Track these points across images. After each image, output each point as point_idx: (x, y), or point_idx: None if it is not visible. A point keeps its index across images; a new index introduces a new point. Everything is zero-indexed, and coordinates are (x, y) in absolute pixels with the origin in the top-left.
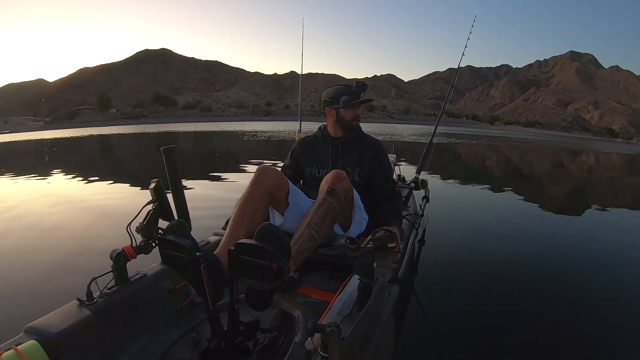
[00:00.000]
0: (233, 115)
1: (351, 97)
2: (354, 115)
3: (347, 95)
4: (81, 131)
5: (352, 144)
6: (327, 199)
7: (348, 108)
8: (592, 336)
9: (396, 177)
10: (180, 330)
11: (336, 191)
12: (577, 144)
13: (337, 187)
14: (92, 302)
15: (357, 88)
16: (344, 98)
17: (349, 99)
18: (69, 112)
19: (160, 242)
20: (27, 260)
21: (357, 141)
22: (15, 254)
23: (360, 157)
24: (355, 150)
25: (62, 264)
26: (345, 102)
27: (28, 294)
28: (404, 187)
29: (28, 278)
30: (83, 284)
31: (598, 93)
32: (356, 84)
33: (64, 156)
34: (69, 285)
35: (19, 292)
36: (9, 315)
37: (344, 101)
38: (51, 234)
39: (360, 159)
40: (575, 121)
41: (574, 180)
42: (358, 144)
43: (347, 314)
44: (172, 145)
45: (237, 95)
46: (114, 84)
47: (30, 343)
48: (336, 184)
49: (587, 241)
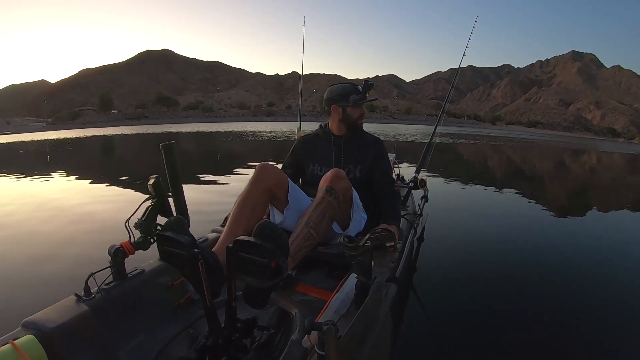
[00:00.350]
0: (235, 115)
1: (361, 97)
2: (360, 114)
3: (356, 94)
4: (83, 132)
5: (354, 141)
6: (326, 198)
7: (355, 107)
8: (593, 336)
9: (395, 176)
10: (177, 326)
11: (335, 190)
12: (578, 144)
13: (336, 186)
14: (90, 297)
15: (366, 87)
16: (353, 97)
17: (359, 97)
18: (71, 112)
19: (158, 239)
20: (26, 254)
21: (360, 139)
22: (14, 247)
23: (363, 155)
24: (358, 148)
25: (63, 258)
26: (355, 101)
27: (26, 288)
28: (403, 186)
29: (26, 272)
30: (81, 279)
31: (600, 93)
32: (364, 83)
33: (66, 156)
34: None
35: (17, 286)
36: (6, 310)
37: (354, 100)
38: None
39: (363, 157)
40: (577, 121)
41: (574, 180)
42: (360, 141)
43: (344, 312)
44: (172, 141)
45: (238, 95)
46: (116, 85)
47: (28, 337)
48: (335, 182)
49: (587, 240)
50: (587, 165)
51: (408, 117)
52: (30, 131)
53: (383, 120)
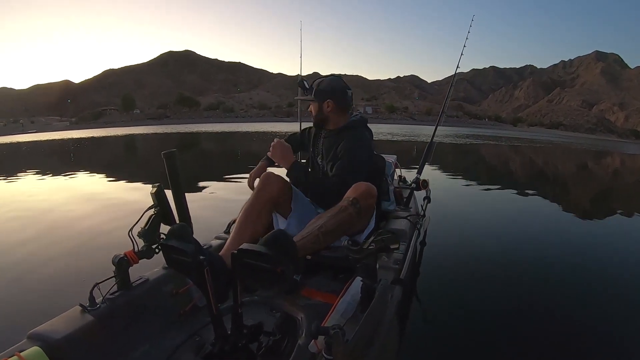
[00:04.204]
0: (255, 116)
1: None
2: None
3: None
4: (106, 131)
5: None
6: (349, 209)
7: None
8: (598, 339)
9: (397, 177)
10: (183, 334)
11: (361, 205)
12: (598, 146)
13: (363, 203)
14: (95, 307)
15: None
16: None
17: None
18: (94, 112)
19: (163, 247)
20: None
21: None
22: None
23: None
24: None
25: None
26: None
27: (32, 299)
28: (405, 187)
29: (32, 283)
30: (86, 289)
31: (624, 94)
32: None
33: (89, 155)
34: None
35: (22, 297)
36: (12, 321)
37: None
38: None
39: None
40: (599, 123)
41: (582, 182)
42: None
43: (350, 315)
44: (173, 149)
45: (259, 96)
46: (138, 86)
47: (34, 349)
48: (364, 198)
49: (594, 243)
50: (605, 168)
51: (428, 118)
52: (54, 130)
53: (402, 122)
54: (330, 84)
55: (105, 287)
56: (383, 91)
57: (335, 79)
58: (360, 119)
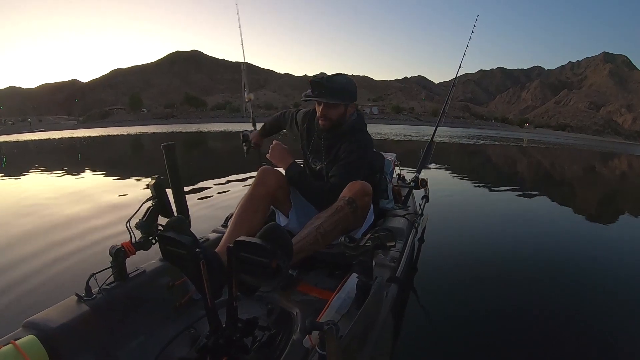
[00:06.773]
0: (261, 115)
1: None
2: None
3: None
4: (113, 130)
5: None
6: (345, 209)
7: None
8: (599, 339)
9: (396, 176)
10: (178, 326)
11: (357, 204)
12: (606, 147)
13: (359, 202)
14: (91, 297)
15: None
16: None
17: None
18: (102, 111)
19: (160, 239)
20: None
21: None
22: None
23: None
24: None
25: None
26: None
27: (27, 288)
28: (404, 186)
29: (27, 272)
30: (82, 279)
31: (632, 96)
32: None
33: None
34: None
35: (18, 286)
36: (7, 310)
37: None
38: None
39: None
40: (606, 124)
41: (580, 181)
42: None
43: (345, 312)
44: (173, 142)
45: (266, 96)
46: (146, 85)
47: (29, 338)
48: (360, 198)
49: (592, 241)
50: (609, 168)
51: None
52: (62, 129)
53: (408, 122)
54: (350, 84)
55: (102, 278)
56: (390, 92)
57: (348, 78)
58: (361, 120)
